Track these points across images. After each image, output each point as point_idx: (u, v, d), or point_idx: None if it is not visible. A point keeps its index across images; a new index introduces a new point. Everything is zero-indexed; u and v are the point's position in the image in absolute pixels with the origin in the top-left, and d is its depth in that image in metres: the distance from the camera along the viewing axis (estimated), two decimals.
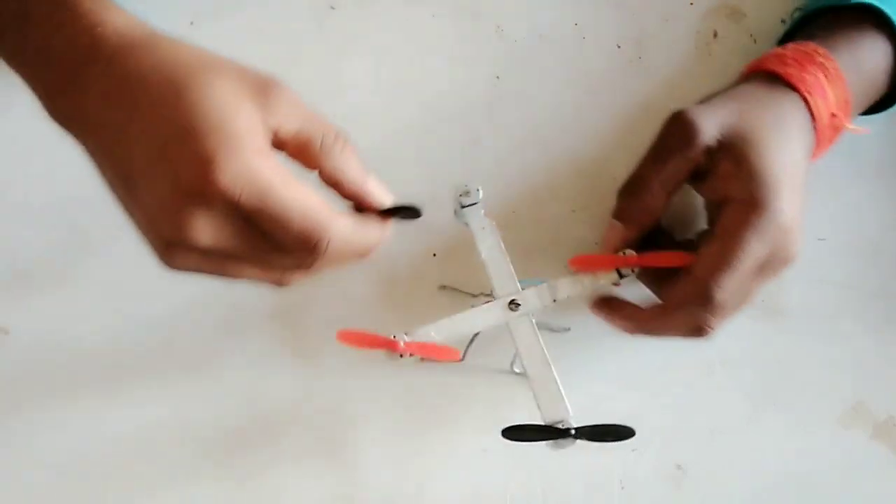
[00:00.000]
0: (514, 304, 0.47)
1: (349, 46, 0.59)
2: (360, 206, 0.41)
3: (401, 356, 0.45)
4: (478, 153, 0.57)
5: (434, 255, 0.56)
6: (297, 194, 0.36)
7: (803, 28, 0.55)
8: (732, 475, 0.54)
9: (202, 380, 0.53)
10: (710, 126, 0.48)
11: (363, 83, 0.58)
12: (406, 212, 0.42)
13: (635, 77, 0.59)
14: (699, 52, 0.60)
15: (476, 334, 0.49)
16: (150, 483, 0.51)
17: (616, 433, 0.44)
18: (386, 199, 0.42)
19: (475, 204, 0.49)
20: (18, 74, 0.40)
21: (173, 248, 0.37)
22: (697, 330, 0.48)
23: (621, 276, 0.48)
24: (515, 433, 0.44)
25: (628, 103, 0.59)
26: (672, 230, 0.52)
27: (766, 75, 0.52)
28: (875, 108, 0.57)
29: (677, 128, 0.49)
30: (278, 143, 0.39)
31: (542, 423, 0.45)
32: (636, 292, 0.50)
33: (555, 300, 0.48)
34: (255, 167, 0.35)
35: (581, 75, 0.59)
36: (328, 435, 0.53)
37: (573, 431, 0.44)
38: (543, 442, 0.45)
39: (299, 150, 0.39)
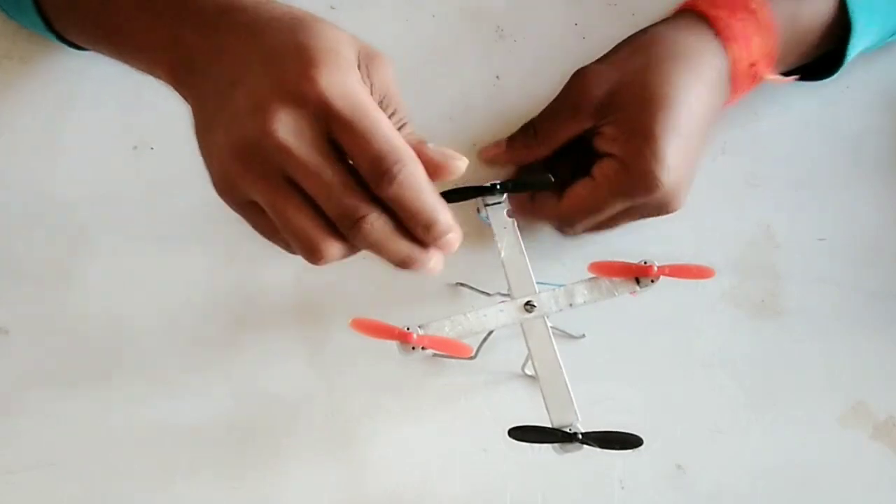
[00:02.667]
0: (529, 306, 0.47)
1: None
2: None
3: (413, 348, 0.44)
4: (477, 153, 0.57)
5: None
6: (386, 121, 0.38)
7: None
8: (732, 475, 0.54)
9: (203, 378, 0.53)
10: (603, 91, 0.51)
11: None
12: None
13: None
14: None
15: (489, 333, 0.49)
16: (153, 481, 0.51)
17: (623, 441, 0.44)
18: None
19: (499, 203, 0.49)
20: (137, 54, 0.45)
21: (249, 154, 0.38)
22: (561, 232, 0.55)
23: (640, 284, 0.48)
24: (522, 434, 0.44)
25: None
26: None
27: (695, 14, 0.53)
28: (820, 70, 0.57)
29: (573, 92, 0.52)
30: None
31: (549, 425, 0.45)
32: None
33: (571, 304, 0.47)
34: (354, 84, 0.38)
35: None
36: (331, 432, 0.53)
37: (580, 436, 0.44)
38: (549, 445, 0.45)
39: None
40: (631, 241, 0.57)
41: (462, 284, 0.55)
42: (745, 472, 0.54)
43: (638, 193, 0.50)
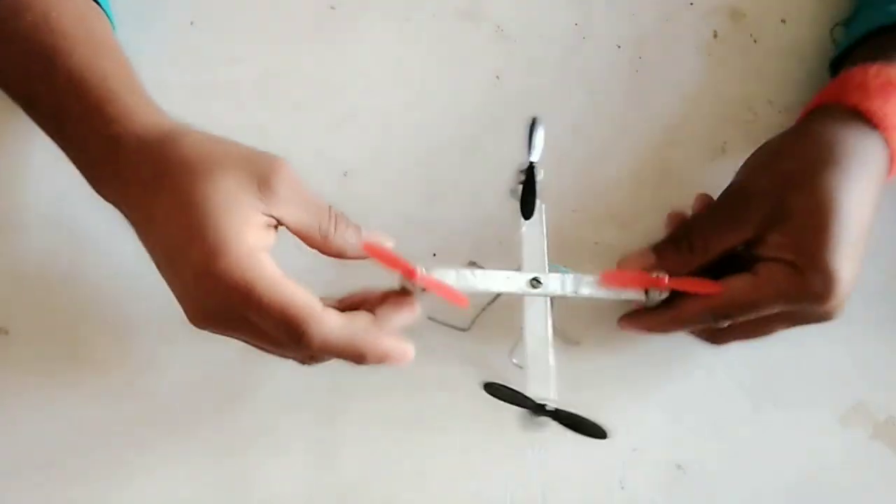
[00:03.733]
0: (535, 282, 0.47)
1: (349, 46, 0.59)
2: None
3: (413, 284, 0.45)
4: (477, 153, 0.57)
5: (434, 255, 0.56)
6: (278, 289, 0.41)
7: (857, 45, 0.54)
8: (732, 475, 0.54)
9: (203, 378, 0.53)
10: (767, 204, 0.48)
11: (363, 83, 0.58)
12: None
13: (635, 77, 0.59)
14: (699, 52, 0.60)
15: (489, 304, 0.49)
16: (153, 481, 0.51)
17: (590, 429, 0.44)
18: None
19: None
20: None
21: (208, 322, 0.43)
22: (707, 339, 0.53)
23: (647, 295, 0.48)
24: (495, 390, 0.44)
25: (628, 103, 0.59)
26: None
27: (842, 108, 0.51)
28: None
29: (733, 206, 0.50)
30: (282, 224, 0.44)
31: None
32: None
33: (576, 292, 0.47)
34: (242, 266, 0.40)
35: (581, 75, 0.59)
36: (328, 433, 0.53)
37: (550, 410, 0.44)
38: (516, 420, 0.45)
39: (303, 238, 0.44)
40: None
41: (472, 263, 0.55)
42: (745, 472, 0.54)
43: (807, 299, 0.47)
